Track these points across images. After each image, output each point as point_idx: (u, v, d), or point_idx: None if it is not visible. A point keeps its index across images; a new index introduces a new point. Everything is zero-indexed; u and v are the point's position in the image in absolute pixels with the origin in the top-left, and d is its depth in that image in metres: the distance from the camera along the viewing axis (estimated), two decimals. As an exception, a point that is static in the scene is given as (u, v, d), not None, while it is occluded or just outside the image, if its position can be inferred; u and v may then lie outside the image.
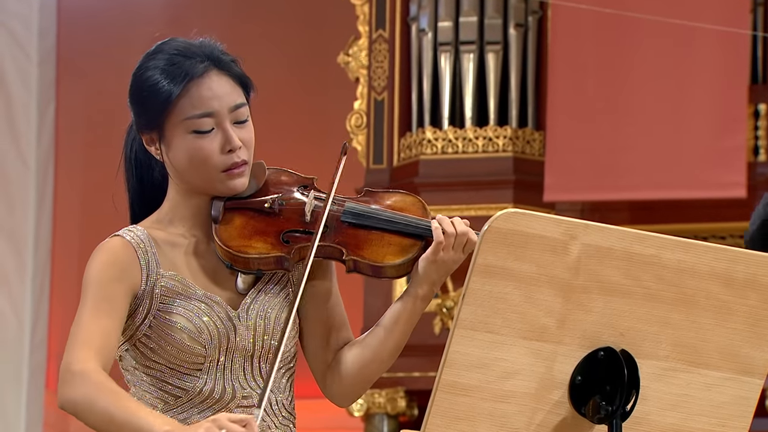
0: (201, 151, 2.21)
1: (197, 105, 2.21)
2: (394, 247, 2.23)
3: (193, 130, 2.21)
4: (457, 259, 2.23)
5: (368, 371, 2.27)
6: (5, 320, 7.05)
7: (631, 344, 1.94)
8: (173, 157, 2.23)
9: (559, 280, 1.91)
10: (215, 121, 2.22)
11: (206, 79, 2.22)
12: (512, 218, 1.89)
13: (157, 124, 2.23)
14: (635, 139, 5.96)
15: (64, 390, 2.12)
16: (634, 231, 1.94)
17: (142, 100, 2.24)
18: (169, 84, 2.21)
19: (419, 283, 2.24)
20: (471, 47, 6.23)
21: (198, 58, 2.23)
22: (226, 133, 2.22)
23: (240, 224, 2.24)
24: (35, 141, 7.21)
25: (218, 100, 2.22)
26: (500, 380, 1.90)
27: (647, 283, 1.93)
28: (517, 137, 6.22)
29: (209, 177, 2.22)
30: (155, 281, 2.22)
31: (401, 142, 6.36)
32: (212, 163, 2.21)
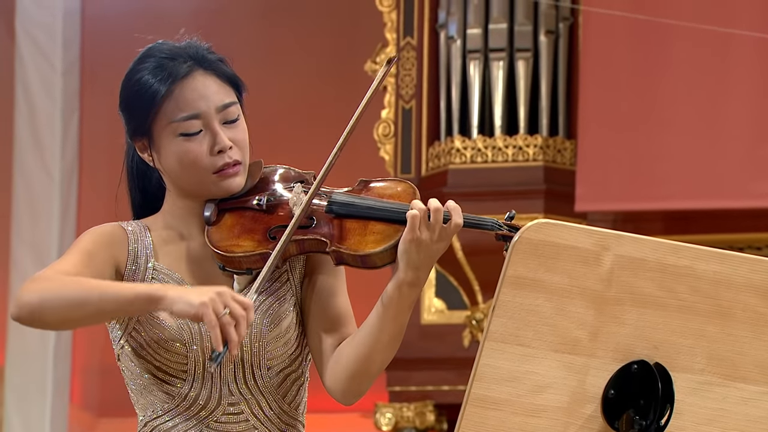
0: (189, 154, 2.20)
1: (182, 107, 2.20)
2: (377, 235, 2.18)
3: (181, 133, 2.20)
4: (436, 239, 2.14)
5: (364, 366, 2.20)
6: (29, 333, 7.08)
7: (665, 357, 1.93)
8: (164, 162, 2.23)
9: (591, 291, 1.90)
10: (203, 122, 2.21)
11: (191, 80, 2.21)
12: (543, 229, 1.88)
13: (145, 129, 2.23)
14: (669, 148, 5.93)
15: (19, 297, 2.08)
16: (667, 242, 1.93)
17: (130, 107, 2.24)
18: (152, 87, 2.20)
19: (402, 268, 2.16)
20: (501, 54, 6.22)
21: (181, 59, 2.22)
22: (214, 134, 2.20)
23: (230, 224, 2.23)
24: (59, 152, 7.25)
25: (204, 101, 2.21)
26: (531, 394, 1.90)
27: (682, 294, 1.92)
28: (547, 146, 6.21)
29: (201, 180, 2.21)
30: (142, 272, 2.21)
31: (429, 152, 6.36)
32: (202, 166, 2.20)
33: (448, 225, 2.16)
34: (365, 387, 2.24)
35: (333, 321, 2.25)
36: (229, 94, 2.24)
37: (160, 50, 2.25)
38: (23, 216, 7.22)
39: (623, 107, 6.02)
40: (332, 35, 7.15)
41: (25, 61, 7.26)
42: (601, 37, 6.07)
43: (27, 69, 7.26)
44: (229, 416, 2.20)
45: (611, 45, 6.07)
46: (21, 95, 7.26)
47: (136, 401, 2.24)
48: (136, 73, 2.24)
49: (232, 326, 2.02)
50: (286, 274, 2.26)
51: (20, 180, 7.25)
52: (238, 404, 2.20)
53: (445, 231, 2.16)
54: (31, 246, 7.18)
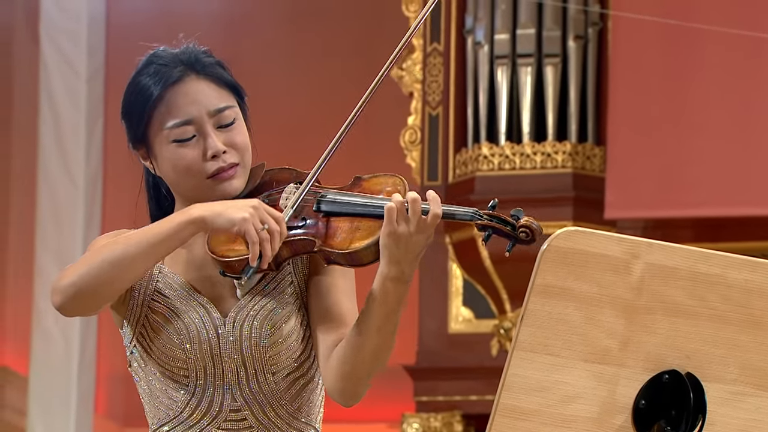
0: (183, 160, 2.20)
1: (174, 113, 2.20)
2: (362, 231, 2.14)
3: (173, 139, 2.21)
4: (414, 230, 2.09)
5: (355, 366, 2.15)
6: (53, 342, 7.12)
7: (697, 367, 1.93)
8: (161, 170, 2.25)
9: (621, 300, 1.90)
10: (195, 127, 2.21)
11: (182, 85, 2.21)
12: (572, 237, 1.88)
13: (141, 137, 2.24)
14: (700, 154, 5.91)
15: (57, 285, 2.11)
16: (699, 249, 1.92)
17: (126, 116, 2.26)
18: (144, 94, 2.21)
19: (384, 262, 2.11)
20: (529, 60, 6.22)
21: (173, 65, 2.23)
22: (206, 140, 2.20)
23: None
24: (84, 159, 7.29)
25: (195, 106, 2.21)
26: (561, 404, 1.89)
27: (713, 303, 1.92)
28: (576, 152, 6.20)
29: (197, 185, 2.21)
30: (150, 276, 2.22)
31: (456, 158, 6.36)
32: (196, 171, 2.20)
33: (427, 216, 2.11)
34: (361, 389, 2.18)
35: (333, 321, 2.21)
36: (223, 98, 2.24)
37: (158, 57, 2.26)
38: (47, 223, 7.25)
39: (653, 112, 6.01)
40: (358, 41, 7.17)
41: (49, 68, 7.30)
42: (631, 41, 6.06)
43: (51, 76, 7.30)
44: (231, 423, 2.19)
45: (641, 50, 6.05)
46: (45, 102, 7.30)
47: (146, 409, 2.25)
48: (133, 81, 2.26)
49: (268, 242, 2.07)
50: (290, 277, 2.24)
51: (44, 187, 7.29)
52: (240, 410, 2.20)
53: (424, 222, 2.10)
54: (55, 253, 7.22)
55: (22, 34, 7.45)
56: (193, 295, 2.22)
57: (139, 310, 2.23)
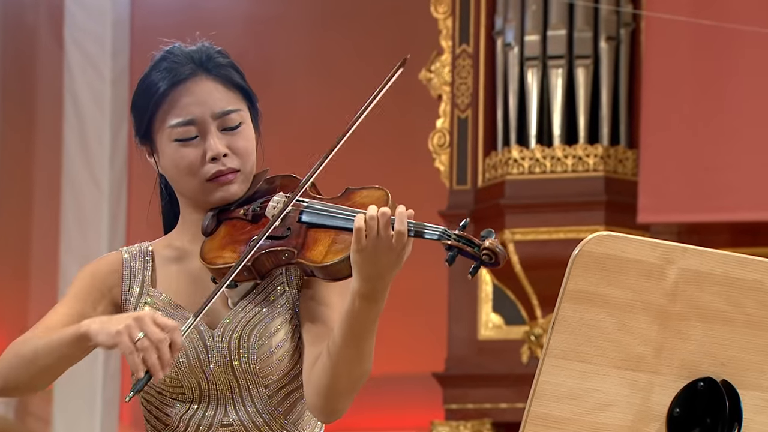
0: (182, 160, 2.20)
1: (178, 112, 2.20)
2: (339, 244, 2.13)
3: (176, 138, 2.20)
4: (384, 248, 2.04)
5: (331, 382, 2.11)
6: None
7: (732, 374, 1.92)
8: (163, 168, 2.25)
9: (655, 306, 1.89)
10: (198, 128, 2.20)
11: (190, 85, 2.20)
12: (604, 241, 1.87)
13: (145, 133, 2.24)
14: (736, 157, 5.89)
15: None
16: (735, 255, 1.91)
17: (134, 110, 2.26)
18: (152, 91, 2.21)
19: (355, 278, 2.07)
20: (559, 62, 6.21)
21: (184, 63, 2.22)
22: (207, 141, 2.19)
23: (222, 235, 2.22)
24: (108, 162, 7.32)
25: (200, 106, 2.20)
26: (593, 412, 1.89)
27: (750, 309, 1.91)
28: (608, 156, 6.18)
29: (196, 187, 2.21)
30: (137, 297, 2.23)
31: (486, 162, 6.35)
32: (195, 173, 2.20)
33: (393, 233, 2.06)
34: (339, 404, 2.13)
35: (319, 335, 2.18)
36: (232, 101, 2.23)
37: (171, 53, 2.25)
38: (72, 227, 7.29)
39: (687, 115, 5.98)
40: (386, 43, 7.17)
41: (73, 70, 7.34)
42: (664, 42, 6.04)
43: (76, 78, 7.33)
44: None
45: (674, 51, 6.03)
46: (70, 105, 7.34)
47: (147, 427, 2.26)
48: (144, 76, 2.25)
49: (151, 351, 2.01)
50: (282, 287, 2.23)
51: (69, 191, 7.32)
52: (232, 425, 2.20)
53: (390, 240, 2.05)
54: (79, 257, 7.25)
55: (47, 36, 7.49)
56: (178, 311, 2.22)
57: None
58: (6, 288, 7.32)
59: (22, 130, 7.46)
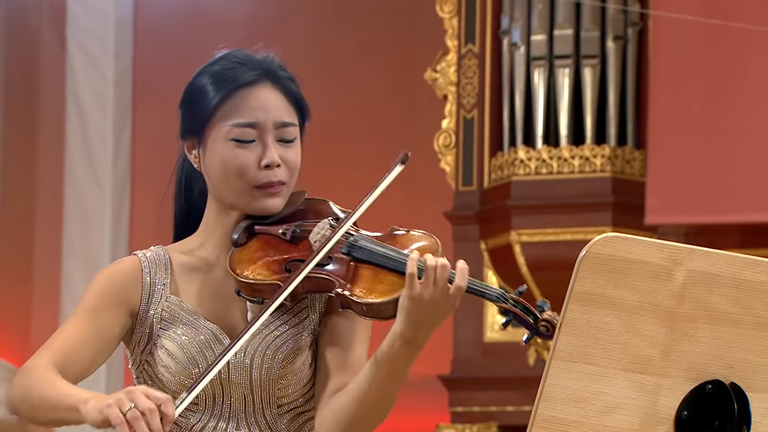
0: (236, 160, 2.20)
1: (242, 113, 2.21)
2: (385, 285, 2.15)
3: (233, 137, 2.21)
4: (438, 298, 2.07)
5: (353, 418, 2.14)
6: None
7: (741, 377, 1.92)
8: (209, 166, 2.24)
9: (662, 308, 1.89)
10: (258, 133, 2.21)
11: (256, 89, 2.22)
12: (612, 243, 1.87)
13: (199, 127, 2.24)
14: (745, 158, 5.88)
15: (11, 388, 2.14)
16: (743, 256, 1.91)
17: (189, 103, 2.26)
18: (216, 87, 2.22)
19: (400, 321, 2.10)
20: (566, 61, 6.20)
21: (251, 67, 2.24)
22: (265, 148, 2.21)
23: (255, 249, 2.23)
24: (111, 164, 7.33)
25: (264, 112, 2.22)
26: (601, 415, 1.89)
27: (759, 311, 1.91)
28: (616, 156, 6.18)
29: (241, 190, 2.21)
30: (157, 304, 2.22)
31: (492, 163, 6.35)
32: (246, 176, 2.21)
33: (452, 286, 2.09)
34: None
35: (341, 366, 2.21)
36: (290, 115, 2.25)
37: (234, 55, 2.27)
38: (74, 229, 7.30)
39: (696, 115, 5.98)
40: (392, 42, 7.17)
41: (76, 71, 7.34)
42: (672, 42, 6.04)
43: (78, 80, 7.34)
44: None
45: (682, 50, 6.03)
46: (72, 106, 7.35)
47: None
48: (202, 74, 2.26)
49: (141, 421, 2.01)
50: (306, 311, 2.25)
51: (71, 193, 7.33)
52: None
53: (447, 292, 2.08)
54: (82, 259, 7.26)
55: (49, 37, 7.50)
56: (202, 323, 2.22)
57: (144, 338, 2.24)
58: (9, 290, 7.33)
59: (25, 131, 7.47)
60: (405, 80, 7.03)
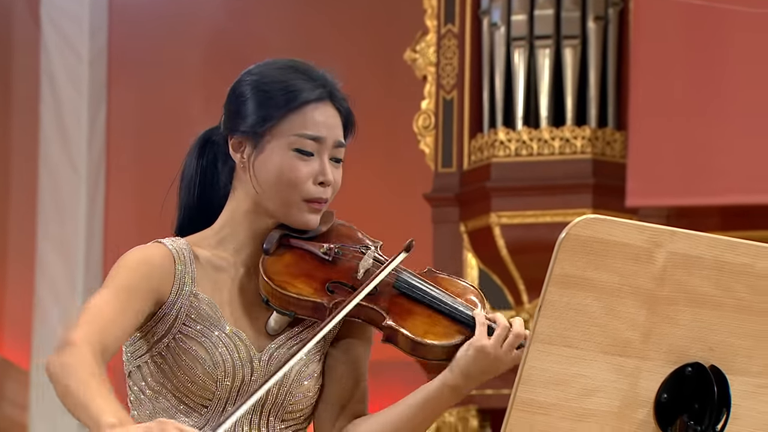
0: (295, 171, 2.24)
1: (310, 126, 2.25)
2: (439, 328, 2.23)
3: (297, 148, 2.24)
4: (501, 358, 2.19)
5: None
6: (55, 334, 7.14)
7: (721, 360, 1.92)
8: (261, 169, 2.25)
9: (643, 290, 1.89)
10: (319, 147, 2.26)
11: (322, 106, 2.28)
12: (592, 225, 1.88)
13: (259, 130, 2.25)
14: (727, 139, 5.90)
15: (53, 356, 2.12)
16: (725, 238, 1.92)
17: (252, 104, 2.26)
18: (286, 96, 2.26)
19: (454, 370, 2.22)
20: (547, 42, 6.21)
21: (320, 83, 2.30)
22: (323, 164, 2.26)
23: (289, 261, 2.25)
24: (86, 145, 7.30)
25: (327, 129, 2.27)
26: (580, 398, 1.89)
27: (740, 294, 1.91)
28: (596, 138, 6.19)
29: (289, 200, 2.24)
30: (184, 298, 2.22)
31: (472, 144, 6.35)
32: (299, 188, 2.24)
33: (519, 352, 2.19)
34: None
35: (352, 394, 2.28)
36: (343, 135, 2.31)
37: (300, 64, 2.32)
38: (48, 212, 7.27)
39: (677, 96, 5.99)
40: (371, 22, 7.16)
41: (50, 50, 7.31)
42: (654, 22, 6.04)
43: (52, 59, 7.31)
44: None
45: (664, 31, 6.03)
46: (46, 86, 7.32)
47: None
48: (268, 74, 2.28)
49: None
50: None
51: (45, 174, 7.31)
52: None
53: (511, 356, 2.20)
54: (56, 242, 7.24)
55: (23, 15, 7.45)
56: (230, 327, 2.23)
57: (164, 328, 2.21)
58: (-18, 273, 7.30)
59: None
60: (384, 60, 7.02)
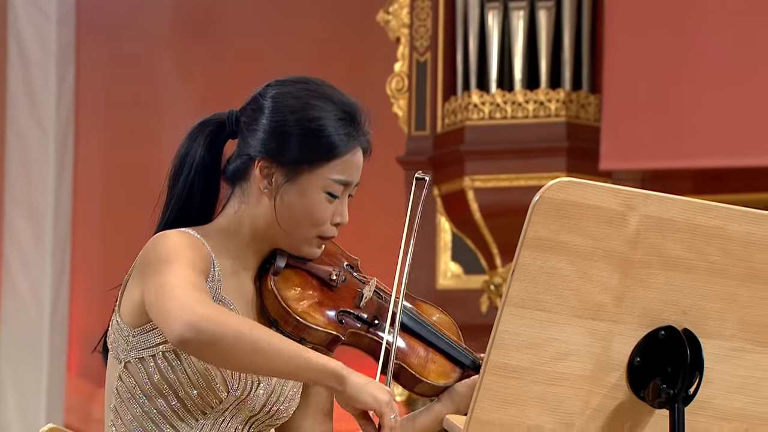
0: (320, 212, 2.27)
1: (346, 171, 2.29)
2: (437, 366, 2.30)
3: (329, 191, 2.27)
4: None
5: None
6: (23, 300, 7.13)
7: (694, 323, 1.94)
8: (289, 201, 2.25)
9: (616, 254, 1.90)
10: (344, 190, 2.30)
11: (359, 151, 2.32)
12: (565, 188, 1.88)
13: (298, 167, 2.25)
14: (701, 102, 5.91)
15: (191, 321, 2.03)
16: (698, 201, 1.93)
17: (297, 140, 2.25)
18: (336, 140, 2.27)
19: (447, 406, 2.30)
20: (521, 4, 6.20)
21: (360, 126, 2.33)
22: (343, 206, 2.30)
23: (299, 285, 2.27)
24: (54, 107, 7.26)
25: (356, 174, 2.32)
26: (553, 362, 1.91)
27: (712, 257, 1.93)
28: (570, 101, 6.19)
29: (305, 235, 2.27)
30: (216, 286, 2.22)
31: (445, 107, 6.35)
32: (319, 227, 2.27)
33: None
34: None
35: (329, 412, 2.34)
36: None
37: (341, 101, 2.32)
38: (16, 174, 7.23)
39: (652, 59, 6.00)
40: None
41: (17, 10, 7.25)
42: (628, -16, 6.04)
43: (19, 19, 7.25)
44: None
45: (639, -7, 6.03)
46: (13, 47, 7.26)
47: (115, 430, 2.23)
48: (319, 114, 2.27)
49: (394, 430, 2.14)
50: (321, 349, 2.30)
51: (13, 136, 7.26)
52: None
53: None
54: (24, 206, 7.20)
55: (-12, -25, 7.39)
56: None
57: None
58: (-52, 237, 7.27)
59: (-37, 73, 7.38)
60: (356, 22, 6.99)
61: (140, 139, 7.22)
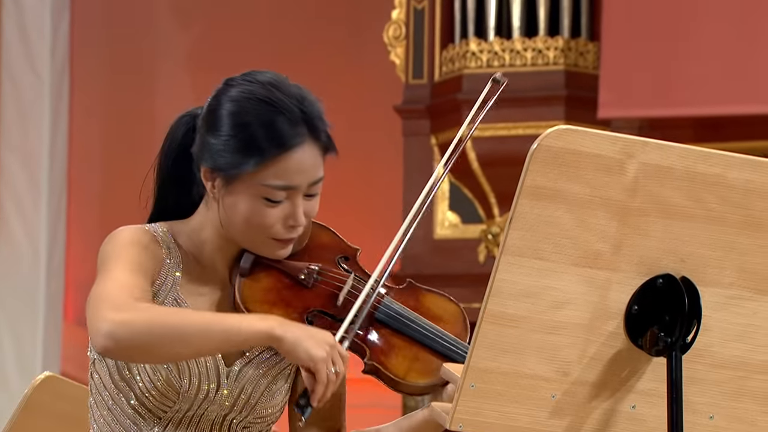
0: (264, 218, 2.18)
1: (281, 176, 2.18)
2: (422, 364, 2.20)
3: (265, 197, 2.18)
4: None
5: None
6: (19, 246, 7.13)
7: (692, 271, 1.94)
8: (229, 208, 2.20)
9: (614, 202, 1.90)
10: (289, 194, 2.19)
11: (298, 152, 2.18)
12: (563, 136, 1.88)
13: (230, 173, 2.19)
14: (700, 50, 5.89)
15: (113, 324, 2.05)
16: (697, 149, 1.93)
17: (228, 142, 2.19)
18: (261, 144, 2.17)
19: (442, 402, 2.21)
20: (520, -50, 6.16)
21: (298, 123, 2.18)
22: (294, 209, 2.19)
23: (266, 286, 2.21)
24: (49, 53, 7.22)
25: (302, 175, 2.19)
26: (550, 310, 1.91)
27: (711, 205, 1.92)
28: (569, 48, 6.17)
29: (255, 239, 2.20)
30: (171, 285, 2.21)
31: (443, 55, 6.33)
32: (268, 231, 2.19)
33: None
34: None
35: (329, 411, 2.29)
36: (321, 169, 2.22)
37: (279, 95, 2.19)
38: (11, 120, 7.22)
39: (650, 6, 5.97)
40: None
41: (10, -44, 7.20)
42: (628, -70, 6.00)
43: (13, -35, 7.20)
44: None
45: (639, -61, 5.99)
46: (7, -7, 7.22)
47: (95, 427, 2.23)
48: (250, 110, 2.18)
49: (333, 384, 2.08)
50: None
51: (7, 82, 7.24)
52: None
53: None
54: (19, 152, 7.19)
55: None
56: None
57: None
58: (-56, 185, 7.27)
59: (-43, 19, 7.35)
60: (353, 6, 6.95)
61: (136, 85, 7.20)
